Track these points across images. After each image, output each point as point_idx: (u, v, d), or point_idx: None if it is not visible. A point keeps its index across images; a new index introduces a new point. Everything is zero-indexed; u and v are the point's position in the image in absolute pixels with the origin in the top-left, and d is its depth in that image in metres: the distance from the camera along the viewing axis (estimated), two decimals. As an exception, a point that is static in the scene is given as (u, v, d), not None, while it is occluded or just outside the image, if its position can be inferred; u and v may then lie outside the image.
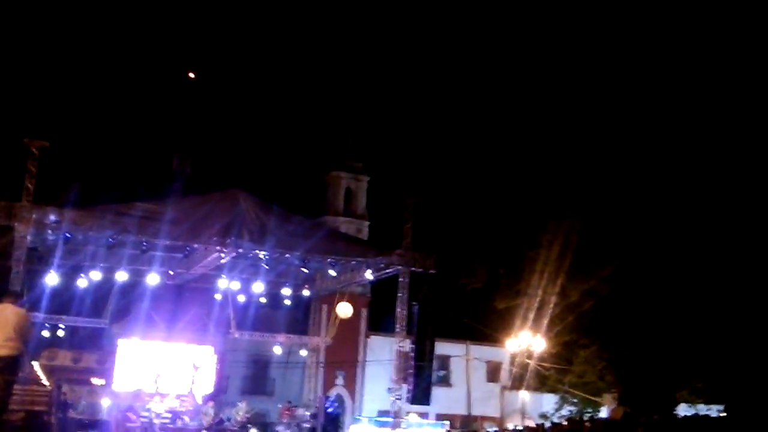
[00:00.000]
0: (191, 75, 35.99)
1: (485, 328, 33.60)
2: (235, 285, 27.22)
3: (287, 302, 29.87)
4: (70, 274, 25.10)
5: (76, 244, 23.33)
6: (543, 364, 31.04)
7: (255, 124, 54.07)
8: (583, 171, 32.32)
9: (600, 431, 17.99)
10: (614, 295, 28.83)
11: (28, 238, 20.98)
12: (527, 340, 28.99)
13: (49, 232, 21.82)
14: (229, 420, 24.47)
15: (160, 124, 45.56)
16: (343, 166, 38.86)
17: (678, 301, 28.80)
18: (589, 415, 29.53)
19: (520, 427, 26.60)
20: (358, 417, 33.42)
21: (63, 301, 26.11)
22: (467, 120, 53.14)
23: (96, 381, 28.46)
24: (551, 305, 28.10)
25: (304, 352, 33.92)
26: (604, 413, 29.11)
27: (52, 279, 23.21)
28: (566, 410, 32.34)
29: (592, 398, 30.61)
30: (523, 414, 31.21)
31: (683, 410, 28.14)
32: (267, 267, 25.48)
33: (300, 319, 33.97)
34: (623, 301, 29.10)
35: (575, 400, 32.23)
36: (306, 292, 29.85)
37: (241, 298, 28.71)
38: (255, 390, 34.34)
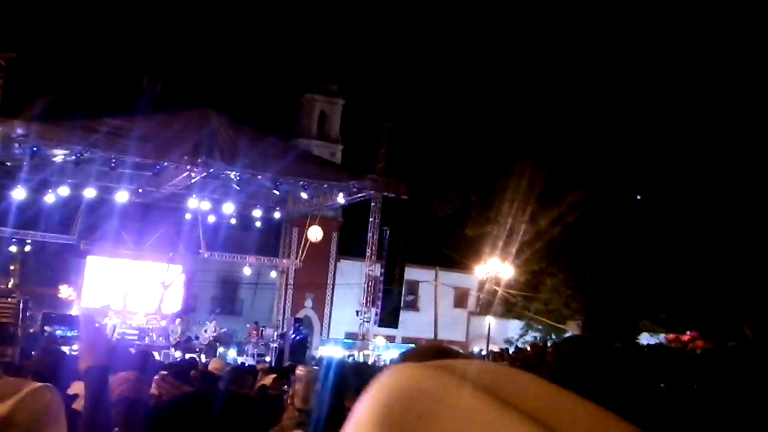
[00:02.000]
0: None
1: (455, 255, 33.90)
2: (206, 205, 27.06)
3: (258, 224, 29.84)
4: (38, 189, 24.76)
5: (44, 158, 22.95)
6: (510, 291, 31.47)
7: (228, 42, 52.99)
8: (557, 97, 32.20)
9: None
10: (583, 223, 29.10)
11: (-5, 151, 20.62)
12: (495, 268, 29.29)
13: (16, 145, 21.43)
14: (196, 338, 24.61)
15: (130, 40, 44.45)
16: (318, 89, 38.34)
17: (644, 229, 29.14)
18: (552, 340, 30.14)
19: (485, 352, 27.11)
20: (325, 338, 33.85)
21: (30, 216, 25.79)
22: (444, 45, 52.49)
23: (65, 291, 28.27)
24: (520, 232, 28.32)
25: (273, 274, 34.06)
26: (567, 340, 29.70)
27: (19, 194, 22.90)
28: (531, 336, 32.96)
29: (557, 325, 31.17)
30: (489, 339, 31.74)
31: (645, 339, 28.77)
32: (238, 188, 25.34)
33: (270, 242, 33.97)
34: (591, 229, 29.39)
35: (540, 327, 32.83)
36: (277, 215, 29.80)
37: (211, 219, 28.60)
38: (224, 310, 34.53)
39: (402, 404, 0.69)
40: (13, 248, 27.98)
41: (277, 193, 25.97)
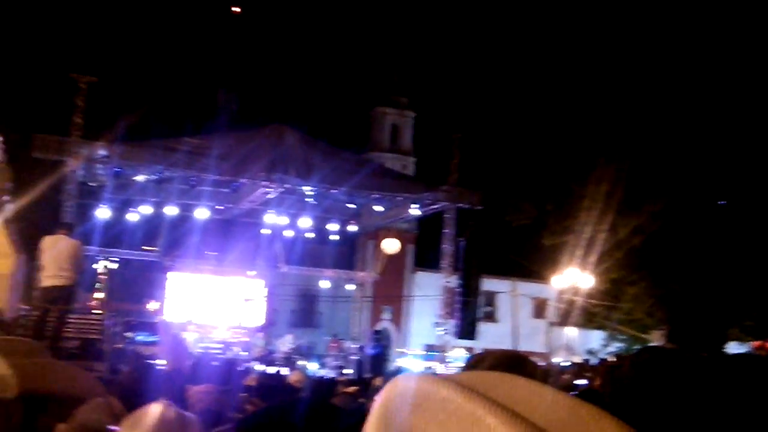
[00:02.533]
0: (236, 10, 35.76)
1: (531, 265, 33.47)
2: (283, 220, 27.44)
3: (334, 237, 30.08)
4: (121, 208, 25.54)
5: (126, 178, 23.69)
6: (590, 300, 30.87)
7: (301, 60, 53.76)
8: (635, 105, 31.54)
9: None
10: (664, 231, 28.34)
11: (79, 172, 21.33)
12: (574, 277, 28.79)
13: (99, 167, 22.14)
14: (276, 351, 24.95)
15: (205, 60, 45.60)
16: (389, 102, 38.56)
17: (730, 236, 28.25)
18: (636, 351, 29.45)
19: (567, 363, 26.65)
20: (404, 351, 33.81)
21: (114, 234, 26.60)
22: (516, 54, 52.10)
23: (152, 306, 28.94)
24: (599, 242, 27.75)
25: (351, 287, 34.28)
26: (651, 350, 28.95)
27: (103, 213, 23.65)
28: (614, 347, 32.26)
29: (640, 335, 30.42)
30: (570, 350, 31.22)
31: (733, 348, 27.85)
32: (313, 202, 25.62)
33: (347, 255, 34.21)
34: (674, 237, 28.62)
35: (623, 337, 32.11)
36: (352, 228, 29.98)
37: (289, 233, 28.96)
38: (303, 323, 34.88)
39: (393, 405, 0.78)
40: (98, 266, 28.84)
41: (352, 206, 26.20)
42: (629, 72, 33.91)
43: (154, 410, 1.64)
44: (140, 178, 23.66)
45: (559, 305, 34.62)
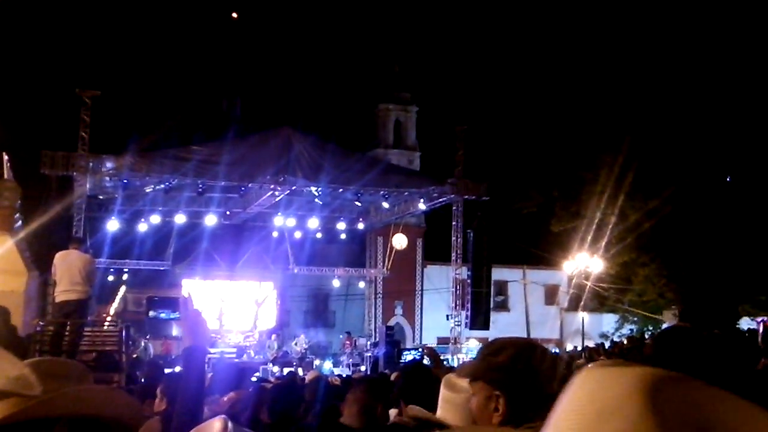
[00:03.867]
0: (234, 15, 35.91)
1: (541, 252, 33.55)
2: (291, 222, 27.61)
3: (343, 236, 30.24)
4: (131, 219, 25.77)
5: (135, 189, 23.90)
6: (601, 284, 30.92)
7: (301, 61, 53.89)
8: (642, 88, 31.43)
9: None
10: (673, 210, 28.29)
11: (87, 186, 21.53)
12: (584, 262, 28.85)
13: (107, 179, 22.34)
14: (290, 352, 25.13)
15: (206, 68, 45.76)
16: (391, 98, 38.63)
17: (737, 211, 28.20)
18: (650, 332, 29.48)
19: (580, 348, 26.73)
20: (417, 345, 33.94)
21: (124, 245, 26.85)
22: (517, 40, 52.02)
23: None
24: (609, 226, 27.75)
25: (362, 284, 34.47)
26: (665, 331, 29.00)
27: (113, 225, 23.88)
28: (627, 329, 32.30)
29: (653, 316, 30.45)
30: (583, 335, 31.29)
31: (746, 324, 27.87)
32: (321, 202, 25.78)
33: (356, 253, 34.39)
34: (681, 215, 28.59)
35: (635, 319, 32.14)
36: (361, 226, 30.12)
37: (298, 235, 29.14)
38: (316, 323, 35.08)
39: (585, 404, 0.80)
40: (110, 277, 29.07)
41: (360, 204, 26.35)
42: (633, 55, 33.80)
43: (215, 426, 1.69)
44: (149, 188, 23.87)
45: (570, 290, 34.71)
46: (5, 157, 16.80)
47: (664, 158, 28.88)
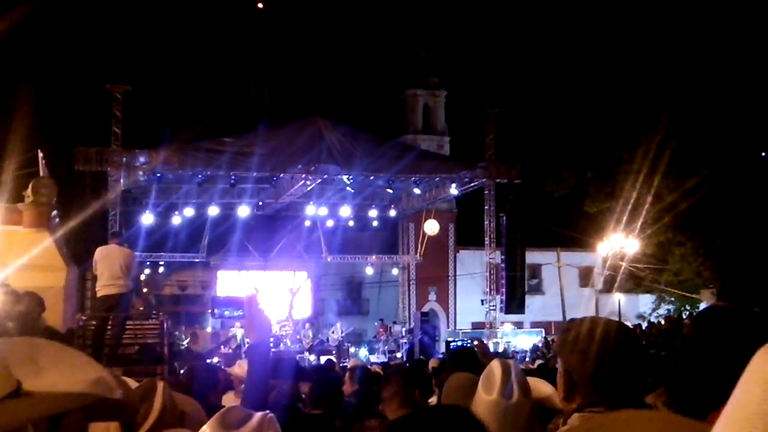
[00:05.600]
0: (260, 5, 35.91)
1: (575, 234, 33.30)
2: (323, 210, 27.68)
3: (375, 223, 30.26)
4: (165, 212, 25.99)
5: (168, 183, 24.09)
6: (637, 265, 30.63)
7: (328, 48, 53.79)
8: (677, 65, 30.85)
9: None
10: (713, 191, 27.85)
11: (122, 181, 21.73)
12: (620, 243, 28.59)
13: (141, 174, 22.52)
14: (327, 341, 25.23)
15: (233, 59, 45.87)
16: (419, 83, 38.46)
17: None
18: (687, 312, 29.18)
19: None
20: (452, 330, 33.94)
21: (159, 238, 27.10)
22: (546, 17, 51.37)
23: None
24: (645, 206, 27.42)
25: (395, 271, 34.48)
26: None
27: (147, 219, 24.09)
28: (663, 309, 31.99)
29: (690, 295, 30.14)
30: (619, 316, 31.03)
31: (786, 301, 27.47)
32: (352, 191, 25.79)
33: (388, 239, 34.40)
34: (717, 192, 28.15)
35: (672, 299, 31.83)
36: (392, 212, 30.11)
37: (330, 223, 29.20)
38: (350, 311, 35.18)
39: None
40: (146, 270, 29.39)
41: (391, 191, 26.31)
42: (668, 32, 33.17)
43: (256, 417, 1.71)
44: (182, 182, 24.05)
45: (605, 272, 34.43)
46: (41, 155, 16.98)
47: (701, 136, 28.43)
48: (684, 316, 25.94)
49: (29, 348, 1.25)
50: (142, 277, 26.50)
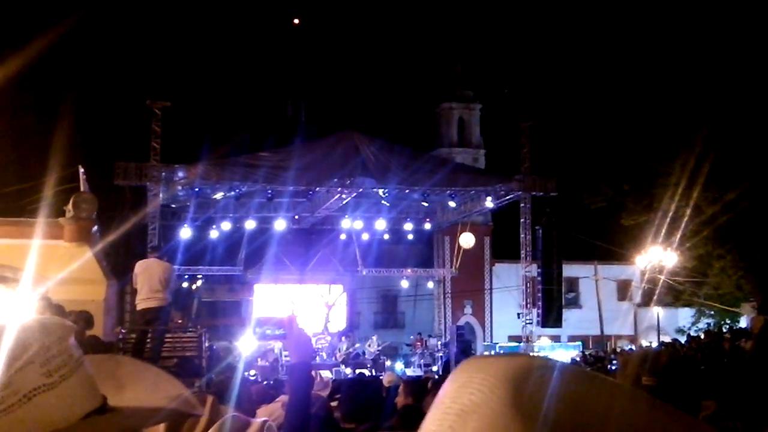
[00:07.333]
0: (296, 21, 36.28)
1: (612, 247, 32.99)
2: (358, 224, 27.76)
3: (410, 237, 30.27)
4: (203, 226, 26.28)
5: (206, 197, 24.38)
6: (676, 278, 30.26)
7: (363, 62, 54.15)
8: (716, 79, 30.44)
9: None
10: (752, 205, 27.43)
11: (160, 195, 22.03)
12: (658, 256, 28.26)
13: (179, 188, 22.82)
14: (363, 354, 25.22)
15: (270, 75, 46.31)
16: (454, 96, 38.50)
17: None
18: (727, 326, 28.72)
19: (656, 344, 26.21)
20: (488, 344, 33.76)
21: (197, 252, 27.38)
22: (578, 31, 51.14)
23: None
24: (684, 219, 27.08)
25: (430, 285, 34.43)
26: (743, 323, 28.27)
27: (185, 232, 24.37)
28: (703, 323, 31.55)
29: (730, 309, 29.70)
30: (659, 330, 30.66)
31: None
32: (387, 204, 25.85)
33: (424, 253, 34.39)
34: (757, 205, 27.72)
35: (712, 312, 31.38)
36: (428, 226, 30.10)
37: (365, 236, 29.27)
38: (386, 324, 35.18)
39: (449, 402, 0.78)
40: (184, 284, 29.67)
41: (426, 204, 26.33)
42: (708, 45, 32.75)
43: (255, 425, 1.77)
44: (219, 195, 24.31)
45: (644, 285, 34.03)
46: (81, 171, 17.28)
47: (740, 149, 28.03)
48: (724, 330, 25.50)
49: (113, 365, 1.29)
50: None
